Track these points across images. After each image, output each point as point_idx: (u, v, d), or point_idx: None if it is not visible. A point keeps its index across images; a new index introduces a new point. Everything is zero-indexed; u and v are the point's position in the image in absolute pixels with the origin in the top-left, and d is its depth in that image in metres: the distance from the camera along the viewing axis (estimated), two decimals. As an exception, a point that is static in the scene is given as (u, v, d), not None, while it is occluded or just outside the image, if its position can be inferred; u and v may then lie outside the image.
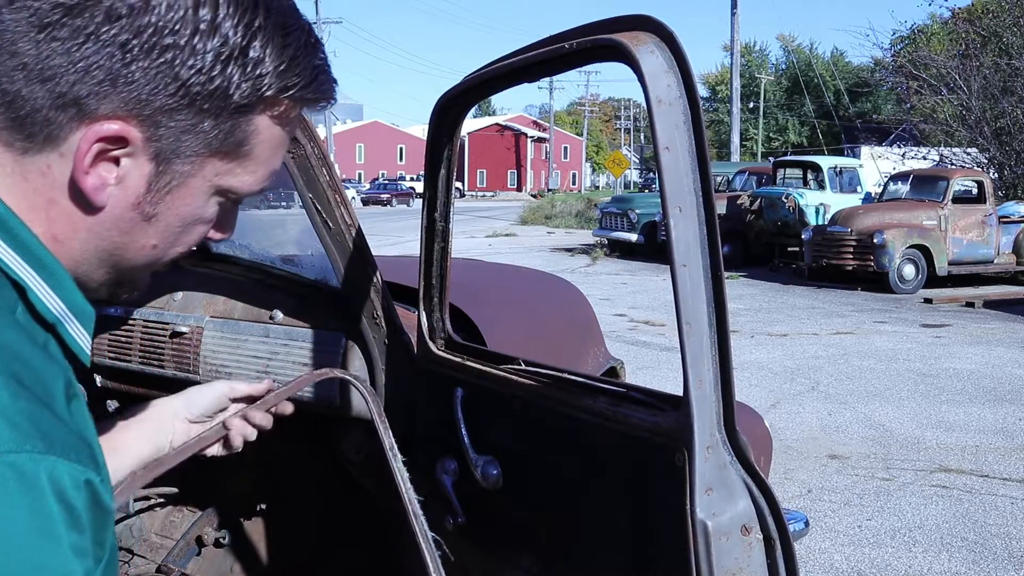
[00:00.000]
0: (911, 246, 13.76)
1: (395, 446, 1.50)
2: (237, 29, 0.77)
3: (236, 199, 0.87)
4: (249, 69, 0.78)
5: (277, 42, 0.80)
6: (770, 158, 35.89)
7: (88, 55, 0.72)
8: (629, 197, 22.08)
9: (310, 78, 0.83)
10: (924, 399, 7.30)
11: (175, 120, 0.77)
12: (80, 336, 0.78)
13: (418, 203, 8.50)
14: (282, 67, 0.80)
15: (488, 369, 1.67)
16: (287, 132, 0.86)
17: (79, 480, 0.66)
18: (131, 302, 2.42)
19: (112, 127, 0.74)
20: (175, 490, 2.56)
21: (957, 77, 21.15)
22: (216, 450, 1.38)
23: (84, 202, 0.76)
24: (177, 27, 0.75)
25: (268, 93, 0.80)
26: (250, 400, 1.42)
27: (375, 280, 1.90)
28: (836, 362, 8.70)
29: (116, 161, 0.76)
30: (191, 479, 2.35)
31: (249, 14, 0.78)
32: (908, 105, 26.67)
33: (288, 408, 1.45)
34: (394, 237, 21.40)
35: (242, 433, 1.37)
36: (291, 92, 0.82)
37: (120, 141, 0.75)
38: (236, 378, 2.18)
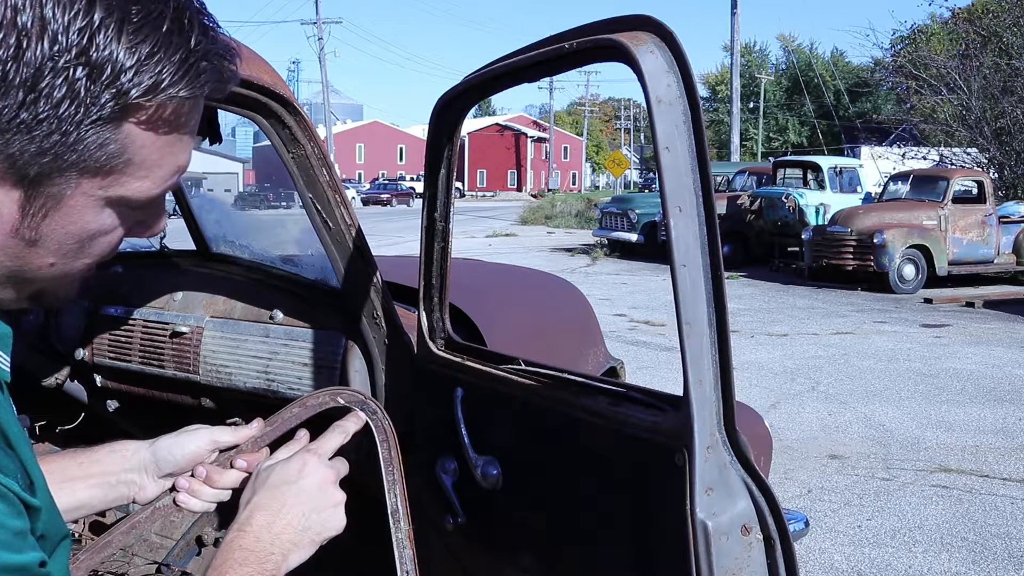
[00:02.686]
0: (911, 246, 13.76)
1: (403, 507, 1.35)
2: (70, 29, 0.67)
3: (139, 205, 0.79)
4: (96, 74, 0.69)
5: (128, 37, 0.70)
6: (770, 158, 35.86)
7: None
8: (629, 197, 22.10)
9: (179, 73, 0.72)
10: (924, 399, 7.30)
11: (25, 144, 0.69)
12: None
13: (418, 203, 8.50)
14: (140, 66, 0.70)
15: (488, 369, 1.67)
16: (173, 130, 0.76)
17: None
18: (131, 302, 2.42)
19: None
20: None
21: (957, 77, 21.16)
22: (198, 505, 1.26)
23: None
24: None
25: (130, 100, 0.71)
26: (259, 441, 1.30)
27: (375, 280, 1.90)
28: (836, 362, 8.70)
29: None
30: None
31: (83, 9, 0.68)
32: (908, 105, 26.70)
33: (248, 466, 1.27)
34: (394, 237, 21.39)
35: (199, 497, 1.25)
36: (158, 93, 0.72)
37: None
38: (236, 377, 2.18)
